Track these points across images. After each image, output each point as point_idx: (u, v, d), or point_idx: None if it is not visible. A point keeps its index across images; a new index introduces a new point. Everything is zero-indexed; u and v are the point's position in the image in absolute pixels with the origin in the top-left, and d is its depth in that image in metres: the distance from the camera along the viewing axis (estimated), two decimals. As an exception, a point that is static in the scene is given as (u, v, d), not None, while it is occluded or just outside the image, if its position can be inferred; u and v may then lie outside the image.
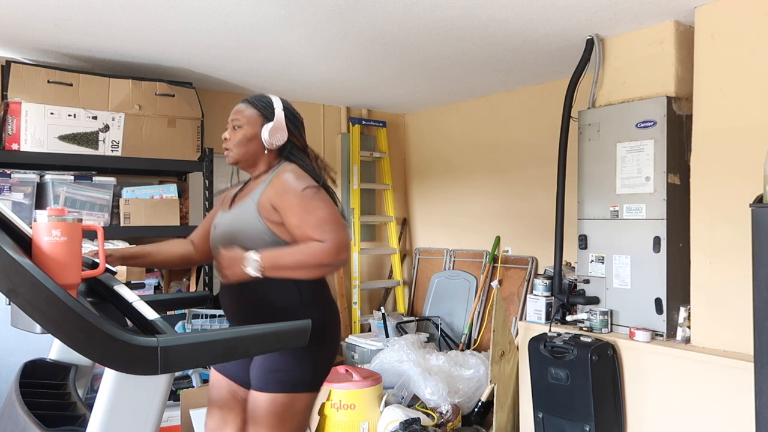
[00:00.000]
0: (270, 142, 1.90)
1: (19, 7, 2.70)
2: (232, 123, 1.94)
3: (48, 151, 3.24)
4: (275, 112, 1.91)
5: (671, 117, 2.79)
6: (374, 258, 5.23)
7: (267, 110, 1.92)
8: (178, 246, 2.12)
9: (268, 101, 1.94)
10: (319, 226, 1.72)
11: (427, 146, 5.22)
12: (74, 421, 1.38)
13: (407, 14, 2.78)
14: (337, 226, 1.74)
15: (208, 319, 3.46)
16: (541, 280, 3.23)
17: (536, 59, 3.53)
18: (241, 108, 1.94)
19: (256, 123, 1.91)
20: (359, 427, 3.19)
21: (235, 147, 1.92)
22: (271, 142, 1.90)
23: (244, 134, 1.91)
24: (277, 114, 1.91)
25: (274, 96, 1.97)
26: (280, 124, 1.90)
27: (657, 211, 2.79)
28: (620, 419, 2.79)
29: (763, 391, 1.87)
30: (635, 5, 2.66)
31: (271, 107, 1.92)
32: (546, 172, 3.93)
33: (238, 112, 1.94)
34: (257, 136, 1.91)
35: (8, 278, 1.11)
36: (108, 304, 1.56)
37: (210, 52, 3.38)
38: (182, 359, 1.21)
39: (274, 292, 1.81)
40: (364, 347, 4.15)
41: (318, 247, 1.70)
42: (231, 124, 1.94)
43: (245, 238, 1.81)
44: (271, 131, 1.89)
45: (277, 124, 1.90)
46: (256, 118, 1.91)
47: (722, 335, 2.55)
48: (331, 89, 4.31)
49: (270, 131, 1.89)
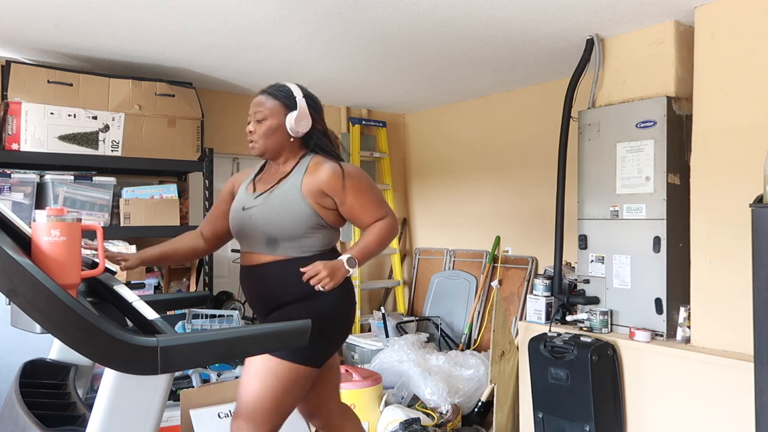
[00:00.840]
0: (296, 131, 1.94)
1: (19, 7, 2.70)
2: (255, 116, 1.95)
3: (48, 151, 3.24)
4: (297, 100, 1.94)
5: (671, 117, 2.79)
6: (374, 258, 5.22)
7: (289, 100, 1.95)
8: (190, 240, 2.15)
9: (288, 91, 1.96)
10: (379, 204, 1.97)
11: (427, 146, 5.22)
12: (74, 421, 1.38)
13: (407, 14, 2.78)
14: (384, 200, 2.02)
15: (208, 319, 3.46)
16: (541, 280, 3.22)
17: (536, 59, 3.53)
18: (262, 100, 1.96)
19: (279, 113, 1.93)
20: (359, 427, 3.18)
21: (260, 139, 1.94)
22: (297, 130, 1.94)
23: (270, 126, 1.93)
24: (300, 102, 1.94)
25: (290, 84, 1.99)
26: (304, 112, 1.94)
27: (657, 211, 2.79)
28: (620, 419, 2.79)
29: (763, 391, 1.87)
30: (635, 5, 2.66)
31: (293, 96, 1.95)
32: (546, 172, 3.93)
33: (260, 104, 1.95)
34: (282, 126, 1.93)
35: (8, 278, 1.11)
36: (108, 304, 1.56)
37: (210, 52, 3.38)
38: (182, 359, 1.21)
39: (297, 273, 1.85)
40: (364, 347, 4.14)
41: (386, 223, 1.96)
42: (254, 117, 1.96)
43: (289, 222, 1.87)
44: (296, 120, 1.92)
45: (301, 112, 1.93)
46: (279, 109, 1.94)
47: (722, 335, 2.55)
48: (331, 89, 4.32)
49: (295, 120, 1.92)
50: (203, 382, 3.08)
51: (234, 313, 3.54)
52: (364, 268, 5.08)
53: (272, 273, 1.91)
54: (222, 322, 3.46)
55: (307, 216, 1.88)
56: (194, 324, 3.44)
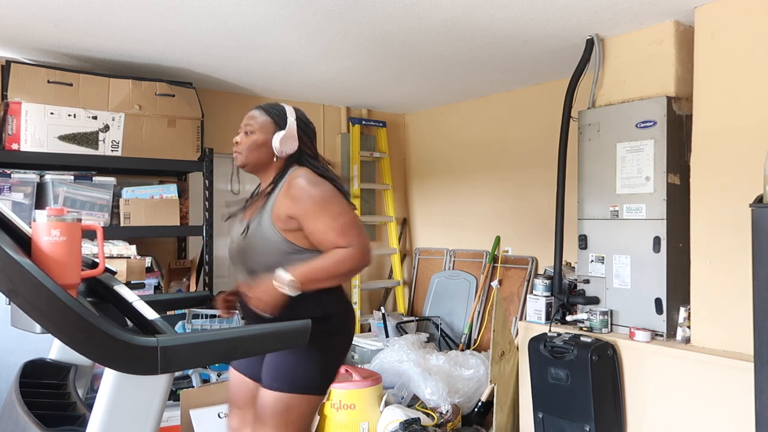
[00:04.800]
0: (280, 150, 1.92)
1: (19, 7, 2.70)
2: (245, 128, 1.95)
3: (48, 151, 3.24)
4: (288, 120, 1.93)
5: (671, 117, 2.79)
6: (374, 258, 5.23)
7: (280, 118, 1.94)
8: None
9: (281, 110, 1.96)
10: (344, 231, 1.76)
11: (427, 146, 5.22)
12: (74, 421, 1.38)
13: (407, 14, 2.78)
14: (360, 230, 1.80)
15: (208, 319, 3.46)
16: (541, 280, 3.22)
17: (536, 59, 3.53)
18: (255, 114, 1.96)
19: (268, 130, 1.93)
20: (359, 427, 3.18)
21: (245, 151, 1.94)
22: (282, 150, 1.92)
23: (255, 140, 1.92)
24: (290, 123, 1.93)
25: (288, 106, 1.99)
26: (292, 133, 1.92)
27: (657, 211, 2.79)
28: (620, 419, 2.79)
29: (763, 391, 1.87)
30: (635, 5, 2.66)
31: (284, 116, 1.94)
32: (546, 172, 3.92)
33: (251, 118, 1.96)
34: (268, 143, 1.92)
35: (8, 278, 1.11)
36: (108, 304, 1.55)
37: (210, 52, 3.38)
38: (182, 359, 1.21)
39: (292, 304, 1.78)
40: (364, 347, 4.14)
41: (346, 253, 1.75)
42: (243, 129, 1.96)
43: (262, 250, 1.83)
44: (282, 140, 1.90)
45: (289, 133, 1.92)
46: (269, 126, 1.93)
47: (722, 335, 2.55)
48: (331, 89, 4.31)
49: (281, 140, 1.90)
50: (203, 382, 3.08)
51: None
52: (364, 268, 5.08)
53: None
54: (222, 322, 3.46)
55: (277, 243, 1.82)
56: (194, 324, 3.45)
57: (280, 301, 1.73)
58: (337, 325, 1.90)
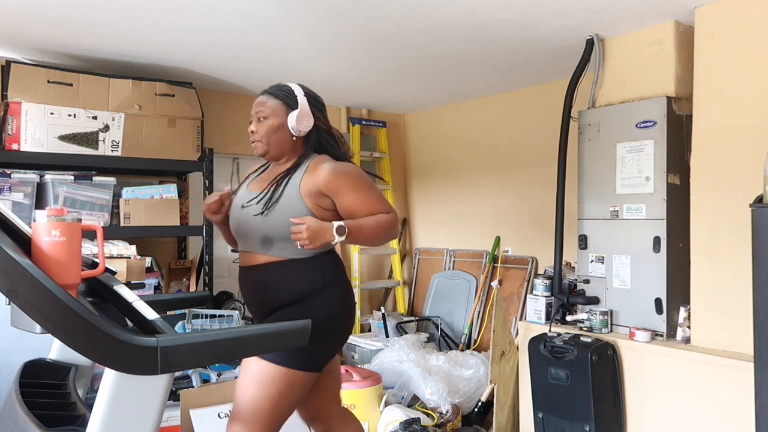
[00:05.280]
0: (298, 129, 1.94)
1: (19, 7, 2.70)
2: (257, 115, 1.96)
3: (48, 151, 3.24)
4: (298, 99, 1.95)
5: (671, 117, 2.79)
6: (374, 258, 5.23)
7: (290, 99, 1.95)
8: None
9: (289, 90, 1.97)
10: (381, 200, 1.92)
11: (427, 146, 5.22)
12: (74, 421, 1.38)
13: (407, 14, 2.78)
14: (386, 199, 1.97)
15: (208, 319, 3.46)
16: (541, 280, 3.22)
17: (536, 59, 3.53)
18: (264, 100, 1.97)
19: (280, 113, 1.94)
20: (359, 427, 3.18)
21: (263, 138, 1.95)
22: (299, 129, 1.94)
23: (271, 125, 1.94)
24: (301, 101, 1.95)
25: (292, 83, 2.01)
26: (305, 110, 1.95)
27: (657, 211, 2.79)
28: (620, 419, 2.79)
29: (763, 391, 1.87)
30: (635, 5, 2.66)
31: (293, 95, 1.96)
32: (546, 172, 3.93)
33: (262, 104, 1.96)
34: (284, 125, 1.94)
35: (8, 278, 1.11)
36: (108, 304, 1.56)
37: (210, 52, 3.38)
38: (182, 359, 1.21)
39: (297, 274, 1.86)
40: (364, 347, 4.14)
41: (388, 217, 1.90)
42: (255, 116, 1.96)
43: (285, 222, 1.85)
44: (297, 118, 1.93)
45: (303, 111, 1.94)
46: (281, 108, 1.95)
47: (722, 335, 2.55)
48: (331, 89, 4.32)
49: (297, 119, 1.93)
50: (203, 382, 3.08)
51: (234, 313, 3.54)
52: (364, 269, 5.08)
53: (268, 274, 1.90)
54: (222, 322, 3.46)
55: (303, 214, 1.86)
56: (194, 324, 3.44)
57: (323, 241, 1.78)
58: (338, 300, 1.92)
